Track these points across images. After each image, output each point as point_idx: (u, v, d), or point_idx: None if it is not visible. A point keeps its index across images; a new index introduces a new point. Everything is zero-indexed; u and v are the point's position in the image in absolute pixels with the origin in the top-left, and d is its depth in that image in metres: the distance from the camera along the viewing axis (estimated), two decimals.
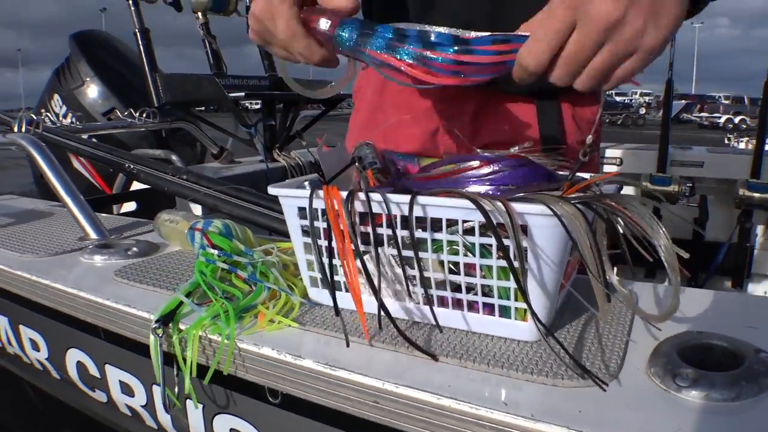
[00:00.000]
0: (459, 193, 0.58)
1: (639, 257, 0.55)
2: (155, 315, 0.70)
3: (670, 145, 2.41)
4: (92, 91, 2.83)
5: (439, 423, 0.52)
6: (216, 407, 0.74)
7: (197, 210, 1.67)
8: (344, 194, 0.62)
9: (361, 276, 0.60)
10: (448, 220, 0.59)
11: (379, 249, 0.62)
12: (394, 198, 0.60)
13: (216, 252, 0.77)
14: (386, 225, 0.61)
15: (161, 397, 0.72)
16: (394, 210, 0.60)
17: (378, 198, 0.60)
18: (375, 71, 0.62)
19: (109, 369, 0.89)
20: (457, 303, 0.63)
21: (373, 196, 0.61)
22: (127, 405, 0.89)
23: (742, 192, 2.03)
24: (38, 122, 1.46)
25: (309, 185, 0.68)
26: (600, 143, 1.04)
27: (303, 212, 0.67)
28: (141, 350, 0.75)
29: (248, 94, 2.21)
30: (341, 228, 0.61)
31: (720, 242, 2.24)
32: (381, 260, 0.63)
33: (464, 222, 0.58)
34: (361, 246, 0.62)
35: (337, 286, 0.67)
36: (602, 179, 0.62)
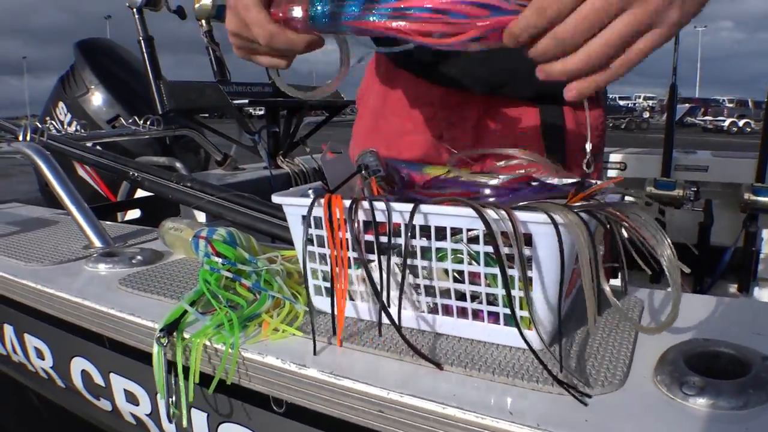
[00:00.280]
0: (463, 202, 0.58)
1: (645, 260, 0.54)
2: (159, 324, 0.70)
3: (675, 150, 2.41)
4: (97, 99, 2.84)
5: None
6: (220, 416, 0.74)
7: (201, 217, 1.67)
8: (347, 203, 0.62)
9: (365, 284, 0.60)
10: (453, 229, 0.59)
11: (384, 258, 0.62)
12: (398, 207, 0.60)
13: (220, 260, 0.77)
14: (390, 233, 0.61)
15: (165, 406, 0.72)
16: (398, 218, 0.60)
17: (382, 207, 0.60)
18: (377, 77, 0.62)
19: (114, 378, 0.89)
20: (462, 311, 0.63)
21: (377, 205, 0.61)
22: (132, 414, 0.89)
23: (748, 196, 2.02)
24: (42, 130, 1.47)
25: (312, 194, 0.68)
26: (604, 148, 1.03)
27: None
28: (145, 359, 0.75)
29: (252, 101, 2.22)
30: (342, 237, 0.61)
31: (725, 246, 2.23)
32: (385, 269, 0.62)
33: (469, 230, 0.58)
34: (366, 255, 0.62)
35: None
36: (606, 186, 0.62)
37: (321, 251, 0.67)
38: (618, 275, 0.73)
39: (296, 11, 0.60)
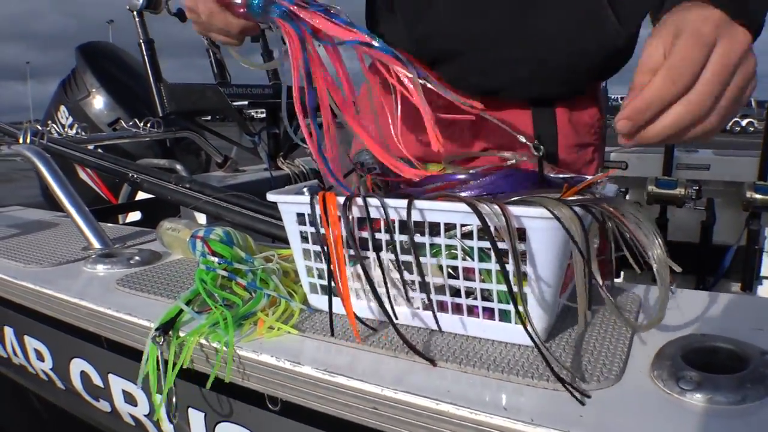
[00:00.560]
0: (456, 198, 0.58)
1: (636, 259, 0.54)
2: (155, 323, 0.70)
3: (676, 148, 2.40)
4: (98, 102, 2.85)
5: (439, 428, 0.52)
6: (218, 415, 0.74)
7: (201, 219, 1.67)
8: (341, 200, 0.61)
9: (360, 281, 0.60)
10: (447, 224, 0.59)
11: (378, 254, 0.62)
12: (392, 203, 0.60)
13: (216, 259, 0.77)
14: (384, 230, 0.61)
15: (164, 406, 0.71)
16: (392, 214, 0.60)
17: (376, 203, 0.60)
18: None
19: (113, 378, 0.89)
20: (457, 307, 0.62)
21: (371, 201, 0.60)
22: (131, 414, 0.89)
23: (750, 194, 2.01)
24: (43, 133, 1.47)
25: (308, 191, 0.68)
26: (604, 146, 1.03)
27: (301, 218, 0.67)
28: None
29: (252, 103, 2.22)
30: (337, 234, 0.60)
31: (728, 245, 2.22)
32: (381, 265, 0.62)
33: (462, 226, 0.58)
34: (360, 251, 0.62)
35: (335, 292, 0.67)
36: (599, 179, 0.62)
37: (316, 249, 0.67)
38: (621, 274, 0.73)
39: None
